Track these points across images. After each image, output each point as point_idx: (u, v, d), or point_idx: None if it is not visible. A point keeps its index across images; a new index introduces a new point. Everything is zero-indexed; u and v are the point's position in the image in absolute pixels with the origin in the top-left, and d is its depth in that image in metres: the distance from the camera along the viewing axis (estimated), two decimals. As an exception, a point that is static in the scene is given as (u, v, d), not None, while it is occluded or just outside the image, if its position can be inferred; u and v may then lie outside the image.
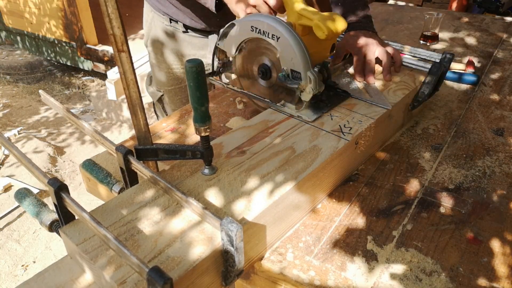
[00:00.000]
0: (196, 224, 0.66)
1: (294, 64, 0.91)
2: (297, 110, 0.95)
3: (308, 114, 0.94)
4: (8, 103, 3.84)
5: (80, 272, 0.65)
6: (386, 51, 1.10)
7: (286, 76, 0.94)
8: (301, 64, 0.90)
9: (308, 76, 0.90)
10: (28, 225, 2.43)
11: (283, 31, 0.89)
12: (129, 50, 0.67)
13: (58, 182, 0.63)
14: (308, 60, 0.90)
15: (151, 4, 1.40)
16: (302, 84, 0.92)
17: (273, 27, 0.90)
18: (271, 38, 0.92)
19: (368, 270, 0.72)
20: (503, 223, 0.82)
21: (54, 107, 0.85)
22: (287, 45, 0.90)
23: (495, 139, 1.08)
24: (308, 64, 0.90)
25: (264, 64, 1.00)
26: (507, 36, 1.77)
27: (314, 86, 0.91)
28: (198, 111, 0.70)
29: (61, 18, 3.87)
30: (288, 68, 0.93)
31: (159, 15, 1.39)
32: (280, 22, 0.90)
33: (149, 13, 1.43)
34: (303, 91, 0.93)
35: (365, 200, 0.87)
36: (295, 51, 0.89)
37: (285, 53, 0.92)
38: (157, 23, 1.41)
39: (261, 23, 0.92)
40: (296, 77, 0.92)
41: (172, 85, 1.51)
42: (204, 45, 1.42)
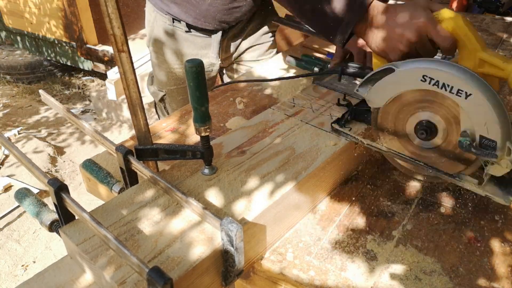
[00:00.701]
0: (196, 224, 0.66)
1: (488, 130, 0.71)
2: (479, 186, 0.77)
3: (499, 193, 0.76)
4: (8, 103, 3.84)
5: (80, 272, 0.65)
6: None
7: (470, 143, 0.73)
8: (499, 132, 0.70)
9: (508, 146, 0.71)
10: (28, 225, 2.43)
11: (478, 88, 0.69)
12: (129, 50, 0.67)
13: (58, 182, 0.63)
14: (510, 127, 0.71)
15: (153, 4, 1.40)
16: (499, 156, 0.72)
17: (461, 80, 0.70)
18: (456, 94, 0.71)
19: (368, 270, 0.72)
20: (503, 223, 0.82)
21: (54, 107, 0.85)
22: (482, 106, 0.70)
23: (495, 139, 1.08)
24: (510, 133, 0.71)
25: (428, 121, 0.79)
26: (507, 36, 1.77)
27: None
28: (198, 111, 0.70)
29: (61, 18, 3.87)
30: (476, 133, 0.73)
31: (161, 15, 1.39)
32: (473, 74, 0.70)
33: (152, 13, 1.43)
34: (493, 163, 0.74)
35: (365, 200, 0.87)
36: (494, 115, 0.69)
37: (475, 114, 0.71)
38: (159, 23, 1.41)
39: (441, 73, 0.71)
40: (487, 146, 0.72)
41: (174, 85, 1.51)
42: (207, 44, 1.42)
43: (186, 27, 1.37)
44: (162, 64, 1.48)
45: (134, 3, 4.30)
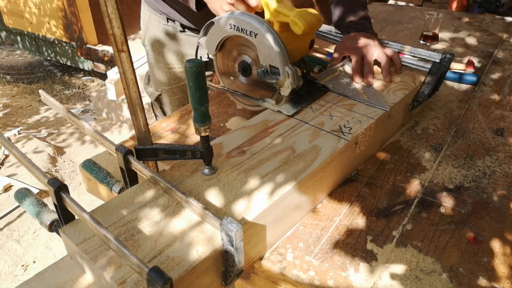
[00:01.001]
0: (196, 224, 0.66)
1: (272, 59, 0.93)
2: (277, 105, 0.98)
3: (288, 108, 0.97)
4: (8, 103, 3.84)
5: (80, 272, 0.65)
6: (385, 53, 1.10)
7: (265, 72, 0.95)
8: (278, 60, 0.92)
9: (286, 71, 0.92)
10: (28, 225, 2.43)
11: (260, 28, 0.91)
12: (129, 50, 0.67)
13: (58, 182, 0.63)
14: (285, 55, 0.91)
15: (148, 3, 1.40)
16: (281, 79, 0.94)
17: (250, 24, 0.92)
18: (249, 35, 0.93)
19: (368, 270, 0.72)
20: (503, 223, 0.82)
21: (54, 107, 0.85)
22: (264, 41, 0.91)
23: (495, 139, 1.08)
24: (286, 60, 0.92)
25: (244, 61, 1.02)
26: (507, 36, 1.77)
27: (292, 81, 0.93)
28: (198, 111, 0.70)
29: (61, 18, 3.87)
30: (267, 64, 0.94)
31: (156, 15, 1.39)
32: (257, 19, 0.92)
33: (146, 12, 1.43)
34: (282, 86, 0.95)
35: (365, 200, 0.87)
36: (272, 46, 0.91)
37: (263, 49, 0.93)
38: (154, 22, 1.41)
39: (239, 21, 0.94)
40: (275, 73, 0.94)
41: (170, 85, 1.51)
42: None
43: (180, 27, 1.37)
44: (157, 64, 1.48)
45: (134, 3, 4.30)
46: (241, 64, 1.03)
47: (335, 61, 1.17)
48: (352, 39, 1.15)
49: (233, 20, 0.95)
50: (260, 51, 0.94)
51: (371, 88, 1.06)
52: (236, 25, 0.95)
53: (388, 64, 1.10)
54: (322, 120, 0.94)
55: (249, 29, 0.93)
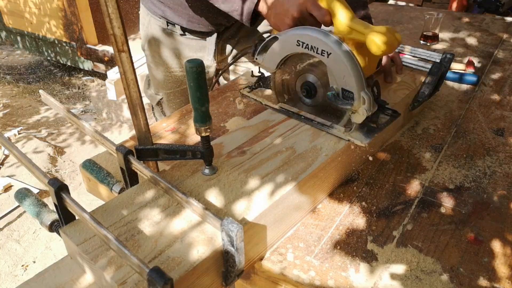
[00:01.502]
0: (197, 224, 0.66)
1: (346, 83, 0.84)
2: (346, 132, 0.89)
3: (360, 137, 0.87)
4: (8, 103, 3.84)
5: (81, 272, 0.65)
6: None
7: (335, 96, 0.86)
8: (354, 84, 0.83)
9: (362, 96, 0.83)
10: (28, 225, 2.43)
11: (335, 47, 0.82)
12: (129, 50, 0.67)
13: (58, 182, 0.63)
14: (362, 79, 0.83)
15: (147, 7, 1.40)
16: (355, 105, 0.85)
17: (323, 42, 0.83)
18: (321, 54, 0.84)
19: (368, 270, 0.72)
20: (503, 223, 0.82)
21: (54, 107, 0.85)
22: (339, 62, 0.83)
23: (495, 139, 1.08)
24: (363, 84, 0.83)
25: (308, 82, 0.93)
26: (507, 36, 1.77)
27: (368, 107, 0.84)
28: (198, 111, 0.70)
29: (61, 18, 3.87)
30: (339, 87, 0.86)
31: (156, 19, 1.39)
32: (331, 36, 0.83)
33: (146, 17, 1.43)
34: (355, 112, 0.86)
35: (366, 200, 0.87)
36: (348, 69, 0.82)
37: (336, 70, 0.84)
38: (154, 26, 1.41)
39: (309, 37, 0.85)
40: (348, 97, 0.85)
41: (171, 88, 1.51)
42: (202, 47, 1.42)
43: (180, 30, 1.37)
44: (158, 68, 1.48)
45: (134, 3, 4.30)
46: (305, 84, 0.93)
47: None
48: None
49: (302, 37, 0.86)
50: (331, 73, 0.85)
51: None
52: (305, 42, 0.86)
53: (389, 64, 1.09)
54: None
55: (322, 47, 0.83)
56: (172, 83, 1.49)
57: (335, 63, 0.83)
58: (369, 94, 0.83)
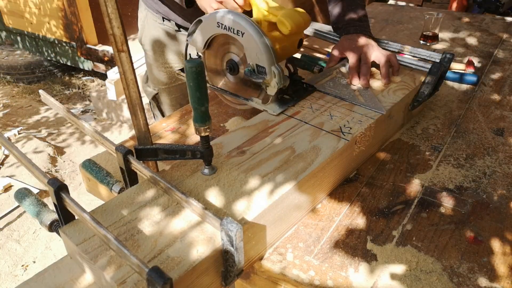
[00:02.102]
0: (196, 224, 0.66)
1: (259, 59, 0.93)
2: (263, 104, 0.98)
3: (274, 108, 0.97)
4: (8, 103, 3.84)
5: (80, 272, 0.65)
6: (383, 55, 1.10)
7: (251, 71, 0.96)
8: (265, 59, 0.92)
9: (273, 70, 0.92)
10: (28, 225, 2.43)
11: (247, 27, 0.91)
12: (129, 50, 0.67)
13: (58, 182, 0.63)
14: (272, 55, 0.92)
15: (145, 2, 1.40)
16: (267, 79, 0.94)
17: (237, 23, 0.92)
18: (236, 34, 0.93)
19: (368, 270, 0.72)
20: (503, 223, 0.82)
21: (54, 107, 0.85)
22: (251, 40, 0.91)
23: (495, 139, 1.08)
24: (272, 59, 0.92)
25: (232, 60, 1.02)
26: (507, 36, 1.77)
27: (278, 81, 0.93)
28: (198, 111, 0.70)
29: (61, 18, 3.87)
30: (254, 63, 0.95)
31: (152, 13, 1.39)
32: (244, 18, 0.92)
33: (143, 11, 1.44)
34: (269, 85, 0.95)
35: (365, 200, 0.87)
36: (259, 46, 0.91)
37: (250, 48, 0.93)
38: (150, 21, 1.41)
39: (226, 19, 0.93)
40: (262, 72, 0.94)
41: (167, 84, 1.51)
42: None
43: (175, 26, 1.37)
44: (154, 63, 1.48)
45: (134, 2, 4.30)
46: (228, 62, 1.03)
47: (332, 62, 1.17)
48: (350, 40, 1.15)
49: (220, 19, 0.95)
50: (247, 50, 0.94)
51: (367, 90, 1.05)
52: (223, 24, 0.95)
53: (386, 66, 1.09)
54: (322, 120, 0.94)
55: (237, 28, 0.92)
56: (169, 79, 1.49)
57: (248, 41, 0.92)
58: (279, 69, 0.92)
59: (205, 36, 1.01)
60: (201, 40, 1.03)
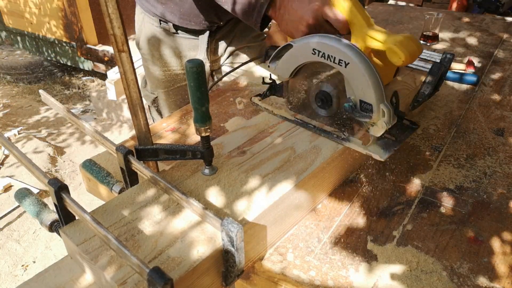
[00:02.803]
0: (197, 224, 0.66)
1: (365, 94, 0.80)
2: (364, 145, 0.85)
3: (379, 151, 0.84)
4: (8, 103, 3.84)
5: (81, 273, 0.65)
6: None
7: (353, 107, 0.82)
8: (373, 96, 0.79)
9: (382, 109, 0.79)
10: (28, 225, 2.43)
11: (354, 57, 0.78)
12: (129, 50, 0.67)
13: (58, 182, 0.63)
14: (382, 91, 0.79)
15: (141, 5, 1.40)
16: (374, 118, 0.81)
17: (341, 51, 0.79)
18: (338, 64, 0.80)
19: (368, 270, 0.72)
20: (503, 223, 0.82)
21: (54, 107, 0.85)
22: (357, 73, 0.78)
23: (495, 139, 1.08)
24: (383, 96, 0.79)
25: (324, 92, 0.89)
26: (507, 36, 1.77)
27: (387, 120, 0.80)
28: (198, 111, 0.70)
29: (61, 18, 3.87)
30: (357, 98, 0.81)
31: (149, 17, 1.39)
32: (350, 45, 0.79)
33: (140, 15, 1.43)
34: (373, 124, 0.82)
35: (365, 200, 0.87)
36: (367, 80, 0.78)
37: (354, 81, 0.80)
38: (147, 24, 1.41)
39: (326, 46, 0.80)
40: (366, 109, 0.81)
41: (165, 87, 1.50)
42: (194, 46, 1.42)
43: (173, 28, 1.37)
44: (152, 67, 1.48)
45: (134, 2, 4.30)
46: (320, 94, 0.89)
47: None
48: None
49: (318, 45, 0.81)
50: (349, 83, 0.81)
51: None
52: (321, 51, 0.81)
53: None
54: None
55: (339, 57, 0.79)
56: (167, 82, 1.49)
57: (353, 74, 0.79)
58: (389, 107, 0.79)
59: (294, 64, 0.88)
60: (289, 67, 0.90)
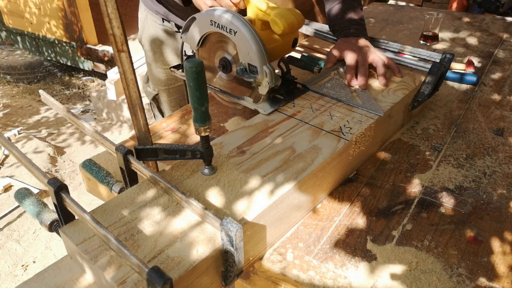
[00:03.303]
0: (196, 224, 0.66)
1: (250, 58, 0.93)
2: (254, 103, 0.98)
3: (265, 107, 0.97)
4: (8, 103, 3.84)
5: (80, 272, 0.65)
6: (380, 57, 1.10)
7: (243, 70, 0.96)
8: (257, 58, 0.92)
9: (264, 70, 0.92)
10: (28, 225, 2.43)
11: (240, 26, 0.91)
12: (129, 50, 0.67)
13: (58, 182, 0.63)
14: (263, 54, 0.92)
15: (145, 3, 1.41)
16: (259, 78, 0.94)
17: (230, 22, 0.92)
18: (229, 33, 0.93)
19: (368, 270, 0.72)
20: (503, 223, 0.82)
21: (54, 107, 0.85)
22: (243, 39, 0.91)
23: (495, 139, 1.08)
24: (264, 59, 0.92)
25: (225, 58, 1.02)
26: (507, 36, 1.77)
27: (270, 80, 0.93)
28: (198, 111, 0.70)
29: (61, 18, 3.87)
30: (246, 62, 0.94)
31: (152, 14, 1.39)
32: (237, 16, 0.92)
33: (143, 12, 1.44)
34: (260, 85, 0.95)
35: (365, 200, 0.87)
36: (251, 45, 0.91)
37: (242, 47, 0.93)
38: (150, 22, 1.42)
39: (220, 18, 0.93)
40: (253, 71, 0.94)
41: (166, 85, 1.51)
42: None
43: (175, 27, 1.37)
44: (153, 63, 1.48)
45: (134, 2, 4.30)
46: (221, 60, 1.02)
47: (330, 63, 1.17)
48: (348, 42, 1.15)
49: (213, 17, 0.95)
50: (239, 49, 0.94)
51: (365, 92, 1.04)
52: (216, 22, 0.94)
53: (383, 68, 1.08)
54: (322, 120, 0.94)
55: (229, 26, 0.92)
56: (169, 80, 1.49)
57: (241, 40, 0.92)
58: (270, 68, 0.92)
59: (199, 34, 1.02)
60: (195, 37, 1.03)
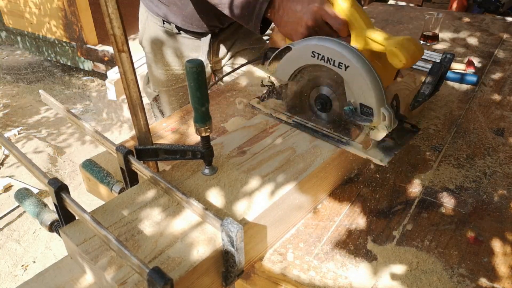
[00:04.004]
0: (197, 224, 0.66)
1: (365, 98, 0.79)
2: (364, 150, 0.84)
3: (380, 156, 0.83)
4: (8, 103, 3.84)
5: (81, 273, 0.65)
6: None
7: (353, 111, 0.81)
8: (374, 99, 0.77)
9: (382, 112, 0.78)
10: (28, 225, 2.43)
11: (354, 60, 0.77)
12: (129, 50, 0.67)
13: (58, 182, 0.63)
14: (383, 94, 0.77)
15: (145, 4, 1.41)
16: (374, 122, 0.80)
17: (340, 54, 0.78)
18: (337, 67, 0.79)
19: (368, 270, 0.72)
20: (503, 223, 0.82)
21: (54, 107, 0.85)
22: (357, 75, 0.77)
23: (495, 139, 1.08)
24: (383, 99, 0.78)
25: (324, 95, 0.88)
26: (507, 36, 1.77)
27: (388, 124, 0.79)
28: (198, 112, 0.70)
29: (61, 18, 3.87)
30: (357, 102, 0.80)
31: (153, 16, 1.39)
32: (350, 48, 0.78)
33: (144, 13, 1.44)
34: (375, 129, 0.81)
35: (366, 200, 0.87)
36: (368, 83, 0.77)
37: (354, 84, 0.79)
38: (151, 23, 1.42)
39: (325, 49, 0.79)
40: (366, 113, 0.80)
41: (167, 86, 1.51)
42: (196, 47, 1.42)
43: (176, 29, 1.37)
44: (154, 64, 1.48)
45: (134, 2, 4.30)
46: (319, 97, 0.88)
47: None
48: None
49: (317, 48, 0.81)
50: (349, 87, 0.80)
51: None
52: (321, 54, 0.80)
53: None
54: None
55: (339, 60, 0.78)
56: (169, 81, 1.50)
57: (353, 77, 0.78)
58: (390, 110, 0.78)
59: (293, 66, 0.87)
60: (289, 70, 0.88)
